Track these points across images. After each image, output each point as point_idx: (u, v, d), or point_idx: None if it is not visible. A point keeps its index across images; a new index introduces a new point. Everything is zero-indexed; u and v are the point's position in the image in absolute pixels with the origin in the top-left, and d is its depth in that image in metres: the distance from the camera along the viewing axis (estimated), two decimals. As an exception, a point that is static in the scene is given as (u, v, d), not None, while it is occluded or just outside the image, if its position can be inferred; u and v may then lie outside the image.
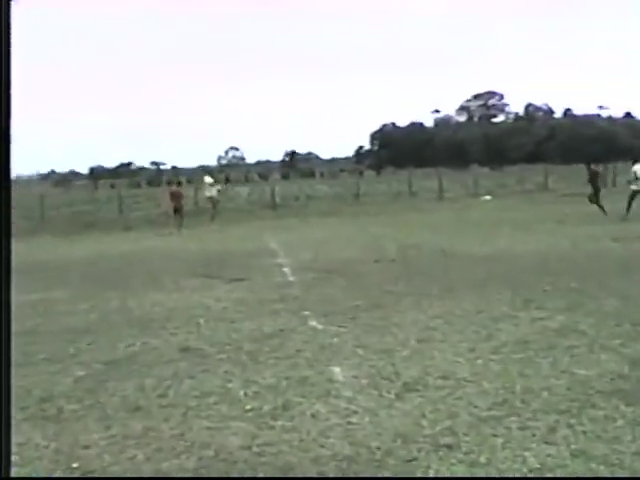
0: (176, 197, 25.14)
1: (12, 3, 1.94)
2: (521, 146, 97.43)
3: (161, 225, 26.69)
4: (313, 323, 7.71)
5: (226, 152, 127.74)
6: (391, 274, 11.18)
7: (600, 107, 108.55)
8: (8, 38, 1.93)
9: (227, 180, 27.08)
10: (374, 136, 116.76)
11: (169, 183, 30.67)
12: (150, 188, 73.42)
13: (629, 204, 19.02)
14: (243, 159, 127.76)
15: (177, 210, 24.93)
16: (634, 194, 19.12)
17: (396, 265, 12.35)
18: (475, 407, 4.75)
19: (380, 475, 3.88)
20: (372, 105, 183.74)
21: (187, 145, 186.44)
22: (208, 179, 28.39)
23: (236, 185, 58.52)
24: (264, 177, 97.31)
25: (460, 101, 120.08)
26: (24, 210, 30.02)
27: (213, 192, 27.42)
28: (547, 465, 3.83)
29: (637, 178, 19.15)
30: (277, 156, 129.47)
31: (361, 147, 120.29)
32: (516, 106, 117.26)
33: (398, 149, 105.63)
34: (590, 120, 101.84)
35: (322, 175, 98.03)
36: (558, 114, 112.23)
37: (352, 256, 13.80)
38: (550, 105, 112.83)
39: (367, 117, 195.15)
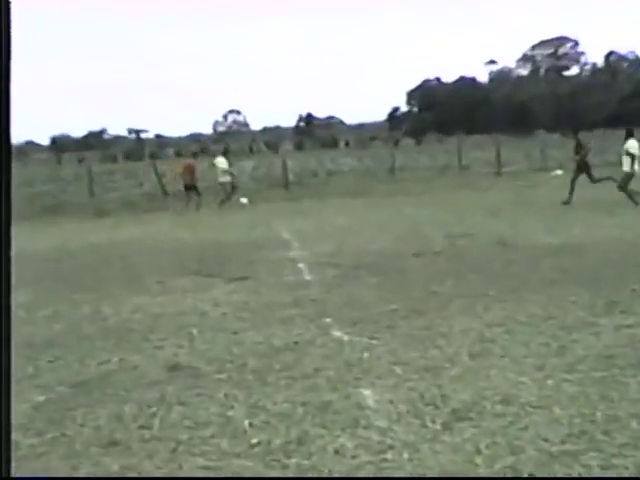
0: (189, 172, 25.89)
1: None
2: (601, 105, 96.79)
3: (144, 209, 26.82)
4: (337, 333, 7.71)
5: (224, 117, 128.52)
6: (436, 270, 11.17)
7: None
8: (8, 38, 2.18)
9: (226, 152, 26.78)
10: (413, 95, 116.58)
11: (152, 156, 31.08)
12: (128, 162, 73.90)
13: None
14: (246, 125, 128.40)
15: (191, 188, 26.09)
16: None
17: (442, 259, 12.33)
18: (544, 440, 4.72)
19: (380, 475, 3.96)
20: (410, 56, 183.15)
21: (175, 108, 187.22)
22: (221, 160, 28.18)
23: (238, 158, 58.62)
24: (273, 147, 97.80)
25: (523, 49, 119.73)
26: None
27: (227, 178, 27.33)
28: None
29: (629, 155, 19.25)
30: (289, 121, 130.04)
31: (396, 109, 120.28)
32: (594, 55, 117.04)
33: (444, 111, 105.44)
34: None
35: (347, 145, 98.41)
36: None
37: (386, 248, 13.80)
38: (638, 53, 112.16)
39: (404, 71, 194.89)
